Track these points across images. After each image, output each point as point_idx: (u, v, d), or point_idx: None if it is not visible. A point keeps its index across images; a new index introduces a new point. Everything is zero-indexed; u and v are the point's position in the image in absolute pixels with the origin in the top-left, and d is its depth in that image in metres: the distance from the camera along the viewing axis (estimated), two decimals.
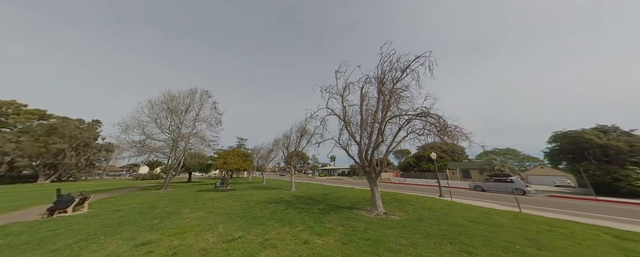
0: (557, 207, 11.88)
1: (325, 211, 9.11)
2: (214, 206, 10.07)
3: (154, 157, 19.79)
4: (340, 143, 10.95)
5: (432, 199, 12.34)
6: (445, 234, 6.09)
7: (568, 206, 12.17)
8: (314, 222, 7.07)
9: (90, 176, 53.28)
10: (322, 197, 13.20)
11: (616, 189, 16.80)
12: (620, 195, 16.17)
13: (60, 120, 45.66)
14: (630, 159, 17.51)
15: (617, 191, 16.70)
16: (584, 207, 11.92)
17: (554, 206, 12.02)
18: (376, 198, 9.19)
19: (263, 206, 10.05)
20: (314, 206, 10.33)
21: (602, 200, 14.66)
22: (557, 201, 14.44)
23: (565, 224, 7.42)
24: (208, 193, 15.69)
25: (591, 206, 12.47)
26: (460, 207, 10.16)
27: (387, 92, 9.39)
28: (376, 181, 9.50)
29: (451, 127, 6.68)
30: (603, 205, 13.04)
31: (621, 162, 17.80)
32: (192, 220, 7.41)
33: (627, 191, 16.09)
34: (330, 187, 20.76)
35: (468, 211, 9.14)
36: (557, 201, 14.81)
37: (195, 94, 20.70)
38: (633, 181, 16.15)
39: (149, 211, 9.11)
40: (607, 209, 11.51)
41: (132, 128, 17.56)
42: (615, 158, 18.31)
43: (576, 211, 10.51)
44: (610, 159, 18.75)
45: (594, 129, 21.89)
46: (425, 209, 9.60)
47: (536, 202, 13.42)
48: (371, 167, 9.56)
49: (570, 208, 11.53)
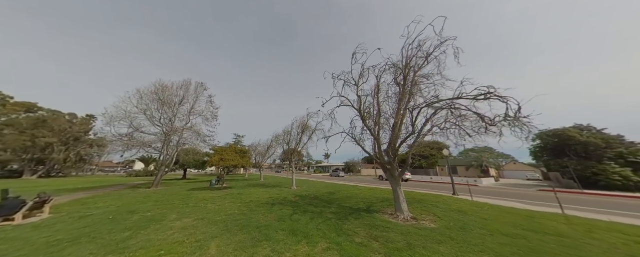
0: (567, 202, 10.69)
1: (341, 215, 7.17)
2: (206, 210, 7.91)
3: (143, 152, 17.25)
4: (353, 137, 9.07)
5: (451, 199, 10.59)
6: (514, 250, 4.31)
7: (574, 201, 11.40)
8: (336, 235, 5.12)
9: (82, 172, 49.03)
10: (329, 196, 11.25)
11: (595, 182, 16.91)
12: (599, 188, 16.27)
13: (50, 114, 41.54)
14: (605, 154, 18.15)
15: (596, 184, 16.81)
16: (585, 202, 11.26)
17: (564, 202, 10.93)
18: (400, 200, 7.35)
19: (266, 209, 7.99)
20: (324, 208, 8.37)
21: (588, 193, 14.45)
22: (551, 195, 13.34)
23: (633, 229, 5.80)
24: (201, 192, 13.41)
25: (591, 200, 11.71)
26: (491, 208, 8.45)
27: (411, 79, 7.63)
28: (399, 180, 7.66)
29: (519, 116, 4.69)
30: (597, 199, 12.42)
31: (598, 158, 18.31)
32: (175, 232, 5.28)
33: (605, 184, 16.27)
34: (332, 184, 18.82)
35: (506, 214, 7.43)
36: (551, 195, 13.66)
37: (189, 86, 18.22)
38: (610, 175, 16.44)
39: (124, 217, 6.87)
40: (606, 203, 11.10)
41: (118, 119, 14.98)
42: (593, 154, 18.91)
43: (591, 207, 9.87)
44: (588, 155, 19.27)
45: (573, 127, 22.28)
46: (453, 211, 7.83)
47: (538, 198, 12.52)
48: (393, 164, 7.72)
49: (579, 204, 10.74)
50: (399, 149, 7.40)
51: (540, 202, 10.88)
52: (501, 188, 18.56)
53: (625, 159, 17.08)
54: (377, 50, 8.01)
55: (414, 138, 7.05)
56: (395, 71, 8.15)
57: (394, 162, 7.71)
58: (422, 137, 7.14)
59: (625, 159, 17.13)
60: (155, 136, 16.54)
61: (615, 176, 16.08)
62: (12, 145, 34.03)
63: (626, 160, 17.03)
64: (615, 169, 16.38)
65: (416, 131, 6.84)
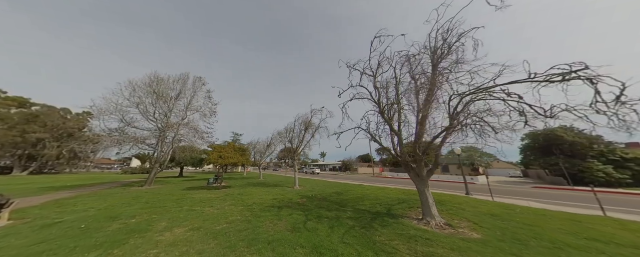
0: (561, 199, 10.82)
1: (363, 222, 5.81)
2: (203, 215, 6.37)
3: (137, 149, 15.38)
4: (370, 132, 7.73)
5: (471, 199, 9.24)
6: None
7: (570, 198, 11.17)
8: (373, 253, 3.75)
9: (76, 169, 45.74)
10: (338, 197, 9.86)
11: (581, 179, 17.21)
12: (584, 184, 16.43)
13: (45, 109, 38.45)
14: (589, 153, 18.61)
15: (582, 180, 17.05)
16: (582, 199, 10.75)
17: (558, 199, 10.96)
18: (430, 203, 6.07)
19: (273, 214, 6.53)
20: (339, 212, 6.98)
21: (579, 190, 14.34)
22: (550, 193, 13.31)
23: None
24: (198, 192, 11.75)
25: (584, 197, 11.24)
26: (522, 210, 7.26)
27: (442, 66, 6.41)
28: (427, 180, 6.39)
29: None
30: (587, 195, 11.97)
31: (582, 157, 18.76)
32: (161, 252, 3.77)
33: (590, 180, 16.46)
34: (336, 183, 17.32)
35: (545, 218, 6.24)
36: (551, 192, 13.59)
37: (187, 80, 16.44)
38: (594, 172, 16.89)
39: (101, 226, 5.27)
40: (601, 200, 10.42)
41: (108, 113, 13.10)
42: (578, 153, 19.44)
43: (594, 204, 9.02)
44: (573, 154, 19.83)
45: (560, 127, 22.41)
46: (485, 215, 6.60)
47: (539, 195, 12.09)
48: (420, 163, 6.44)
49: (578, 200, 10.29)
50: (430, 144, 6.11)
51: (547, 201, 10.18)
52: (498, 186, 17.58)
53: (606, 158, 17.91)
54: (400, 37, 6.70)
55: (449, 132, 5.77)
56: (411, 63, 6.97)
57: (422, 160, 6.44)
58: (459, 130, 5.87)
59: (606, 157, 17.94)
60: (149, 132, 14.73)
61: (599, 173, 16.73)
62: (0, 140, 31.01)
63: (607, 158, 17.88)
64: (599, 167, 17.00)
65: (455, 123, 5.54)
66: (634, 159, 17.03)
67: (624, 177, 16.25)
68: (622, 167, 16.96)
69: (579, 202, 9.69)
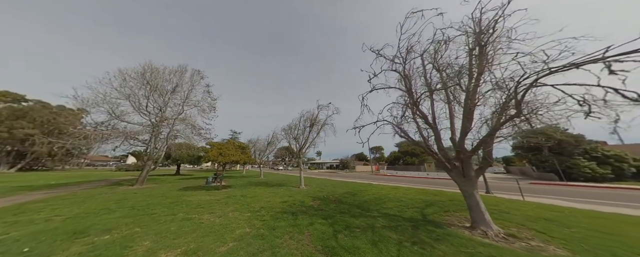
0: (554, 194, 10.10)
1: (407, 234, 4.32)
2: (202, 228, 4.66)
3: (128, 145, 13.30)
4: (399, 127, 6.28)
5: (504, 200, 7.88)
6: None
7: (566, 193, 10.52)
8: None
9: (68, 166, 41.91)
10: (353, 199, 8.34)
11: (568, 175, 17.72)
12: (572, 179, 17.06)
13: (39, 105, 34.83)
14: (575, 151, 19.08)
15: (569, 176, 17.60)
16: (579, 194, 10.33)
17: (552, 194, 10.25)
18: (482, 209, 4.69)
19: (289, 224, 4.93)
20: (367, 219, 5.47)
21: (573, 185, 14.36)
22: (550, 189, 12.71)
23: None
24: (196, 193, 9.89)
25: (578, 192, 10.88)
26: (571, 212, 6.01)
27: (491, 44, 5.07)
28: (476, 182, 5.01)
29: None
30: (578, 190, 11.85)
31: (569, 154, 19.16)
32: None
33: (577, 176, 17.11)
34: (343, 183, 15.58)
35: (612, 222, 4.95)
36: (550, 188, 13.09)
37: (184, 73, 14.44)
38: (582, 168, 17.21)
39: (51, 250, 3.47)
40: (592, 194, 10.39)
41: (94, 105, 11.01)
42: (565, 151, 19.70)
43: (594, 199, 8.77)
44: (561, 151, 19.98)
45: (548, 127, 22.86)
46: (538, 219, 5.28)
47: (540, 191, 11.17)
48: (468, 161, 5.05)
49: (574, 196, 9.77)
50: (490, 138, 4.71)
51: (556, 197, 9.17)
52: (494, 182, 16.45)
53: (590, 155, 18.45)
54: (431, 20, 5.26)
55: (520, 125, 4.41)
56: (476, 33, 5.58)
57: (470, 158, 5.05)
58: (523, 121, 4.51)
59: (590, 154, 18.50)
60: (142, 127, 12.69)
61: (586, 170, 17.15)
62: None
63: (590, 155, 18.42)
64: (585, 163, 17.50)
65: (523, 114, 4.17)
66: (613, 155, 17.81)
67: (606, 173, 16.93)
68: (604, 163, 17.63)
69: (586, 198, 9.09)
